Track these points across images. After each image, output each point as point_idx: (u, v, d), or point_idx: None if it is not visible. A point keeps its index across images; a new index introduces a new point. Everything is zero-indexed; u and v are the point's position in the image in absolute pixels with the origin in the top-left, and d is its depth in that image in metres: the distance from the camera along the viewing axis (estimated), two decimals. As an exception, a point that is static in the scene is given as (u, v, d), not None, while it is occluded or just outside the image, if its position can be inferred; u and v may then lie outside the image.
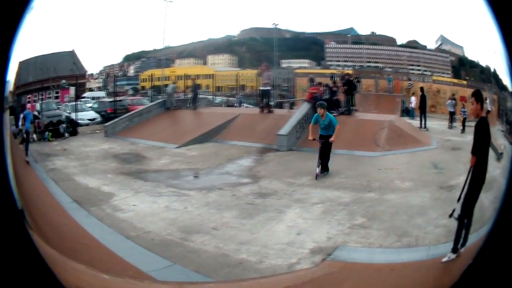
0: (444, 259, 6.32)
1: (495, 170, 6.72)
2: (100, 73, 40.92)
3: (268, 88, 22.59)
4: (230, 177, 14.06)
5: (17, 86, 33.42)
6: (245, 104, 31.91)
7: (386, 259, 6.73)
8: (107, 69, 41.51)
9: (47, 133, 23.25)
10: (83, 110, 27.25)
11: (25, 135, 21.63)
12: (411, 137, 17.42)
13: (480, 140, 6.63)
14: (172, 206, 10.82)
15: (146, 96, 36.70)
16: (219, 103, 31.32)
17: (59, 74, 38.20)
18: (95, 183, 13.28)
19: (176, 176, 14.28)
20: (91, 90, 38.51)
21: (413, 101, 23.32)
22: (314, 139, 14.52)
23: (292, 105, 26.87)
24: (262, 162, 15.97)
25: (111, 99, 31.49)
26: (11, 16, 4.10)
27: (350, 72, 25.11)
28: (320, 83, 22.48)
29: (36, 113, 25.93)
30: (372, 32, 27.07)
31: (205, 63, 36.49)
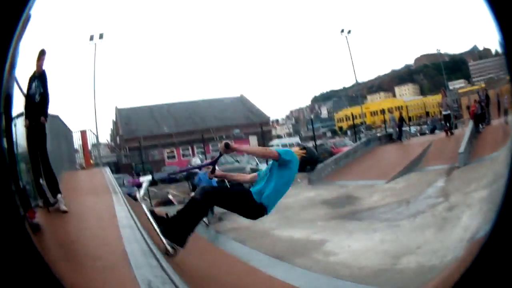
0: None
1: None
2: (287, 118, 41.78)
3: (448, 112, 24.95)
4: (430, 199, 16.05)
5: (126, 138, 34.79)
6: (436, 131, 33.25)
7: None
8: (295, 113, 42.56)
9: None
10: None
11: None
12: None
13: None
14: (386, 238, 12.61)
15: (346, 136, 38.06)
16: (413, 133, 32.96)
17: (226, 123, 39.38)
18: (301, 234, 14.96)
19: (388, 210, 16.05)
20: (279, 137, 39.58)
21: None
22: None
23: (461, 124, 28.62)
24: (450, 180, 18.21)
25: (309, 145, 31.70)
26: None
27: (483, 85, 26.57)
28: (475, 100, 24.73)
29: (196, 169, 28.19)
30: (484, 48, 28.58)
31: (394, 95, 37.55)
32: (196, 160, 30.82)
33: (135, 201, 18.95)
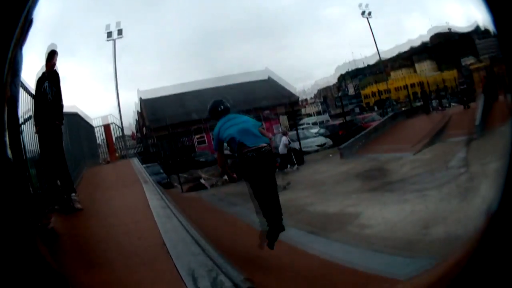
0: None
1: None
2: (315, 97, 42.33)
3: (465, 86, 25.86)
4: (454, 170, 16.44)
5: (153, 127, 34.86)
6: (452, 103, 33.57)
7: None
8: (323, 92, 43.10)
9: (254, 170, 24.73)
10: (306, 137, 28.76)
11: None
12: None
13: None
14: (417, 208, 13.07)
15: (374, 111, 38.30)
16: (435, 106, 33.25)
17: (255, 105, 39.61)
18: (336, 208, 15.35)
19: (417, 181, 16.39)
20: (309, 115, 40.19)
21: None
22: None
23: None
24: (470, 151, 18.38)
25: (340, 121, 32.41)
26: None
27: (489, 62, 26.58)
28: (484, 76, 25.54)
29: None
30: (485, 27, 28.81)
31: (415, 71, 37.88)
32: None
33: (168, 189, 21.87)
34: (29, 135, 10.75)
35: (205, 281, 6.35)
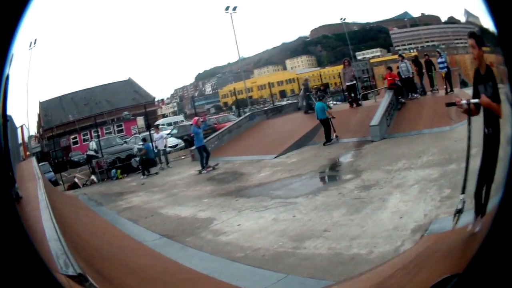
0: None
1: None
2: (172, 97, 42.18)
3: (354, 82, 25.09)
4: (335, 175, 15.72)
5: (45, 128, 36.50)
6: (332, 102, 32.95)
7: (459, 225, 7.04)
8: (179, 91, 42.91)
9: (114, 171, 25.06)
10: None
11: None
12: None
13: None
14: (281, 217, 11.62)
15: (232, 111, 37.71)
16: (306, 105, 32.32)
17: (116, 106, 40.40)
18: (188, 212, 14.24)
19: (280, 187, 15.35)
20: (164, 116, 39.56)
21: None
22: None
23: (376, 95, 28.36)
24: (361, 155, 17.41)
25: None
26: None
27: (416, 53, 26.15)
28: (389, 68, 24.80)
29: (92, 152, 29.36)
30: (422, 13, 29.25)
31: (284, 68, 37.73)
32: (93, 144, 31.63)
33: (56, 186, 23.69)
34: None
35: (61, 261, 6.51)
